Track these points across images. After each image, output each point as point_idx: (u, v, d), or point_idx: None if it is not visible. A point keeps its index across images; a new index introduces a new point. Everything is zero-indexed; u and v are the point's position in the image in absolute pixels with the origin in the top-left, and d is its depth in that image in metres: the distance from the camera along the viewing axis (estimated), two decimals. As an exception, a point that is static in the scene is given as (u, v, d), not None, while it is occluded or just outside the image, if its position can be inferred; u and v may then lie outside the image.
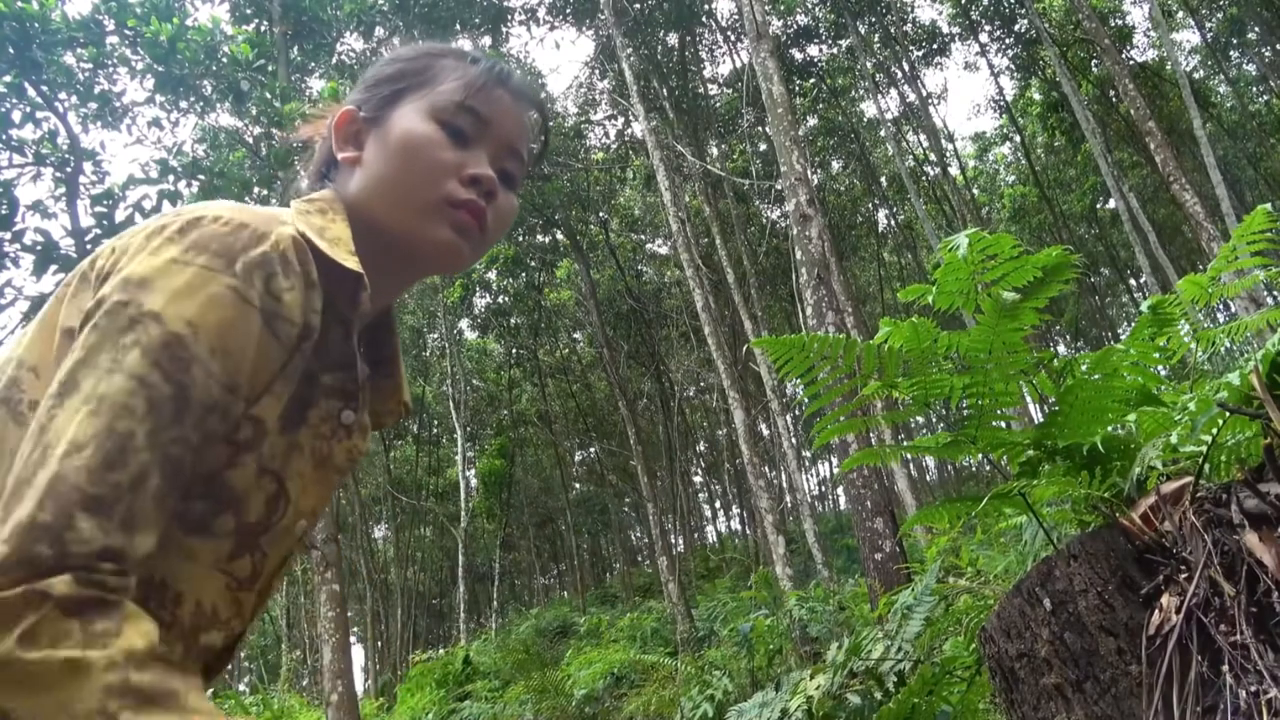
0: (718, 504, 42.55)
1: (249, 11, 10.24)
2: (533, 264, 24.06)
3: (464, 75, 0.94)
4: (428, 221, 0.88)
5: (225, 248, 0.74)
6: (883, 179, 27.23)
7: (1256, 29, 25.73)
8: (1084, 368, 1.88)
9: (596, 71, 21.55)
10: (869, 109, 26.18)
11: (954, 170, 25.52)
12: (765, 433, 25.44)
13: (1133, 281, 32.36)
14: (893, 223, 29.05)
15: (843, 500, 35.95)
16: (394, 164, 0.89)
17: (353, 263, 0.83)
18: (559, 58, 68.54)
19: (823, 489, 44.63)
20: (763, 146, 21.67)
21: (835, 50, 23.33)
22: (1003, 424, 1.96)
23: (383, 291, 0.93)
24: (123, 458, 0.65)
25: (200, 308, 0.71)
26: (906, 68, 23.52)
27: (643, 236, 26.19)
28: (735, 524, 38.48)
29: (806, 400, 2.02)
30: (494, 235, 0.94)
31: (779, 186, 13.28)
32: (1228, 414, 1.52)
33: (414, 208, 0.88)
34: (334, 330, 0.84)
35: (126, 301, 0.70)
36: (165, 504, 0.68)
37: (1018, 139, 28.16)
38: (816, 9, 22.15)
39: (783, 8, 21.31)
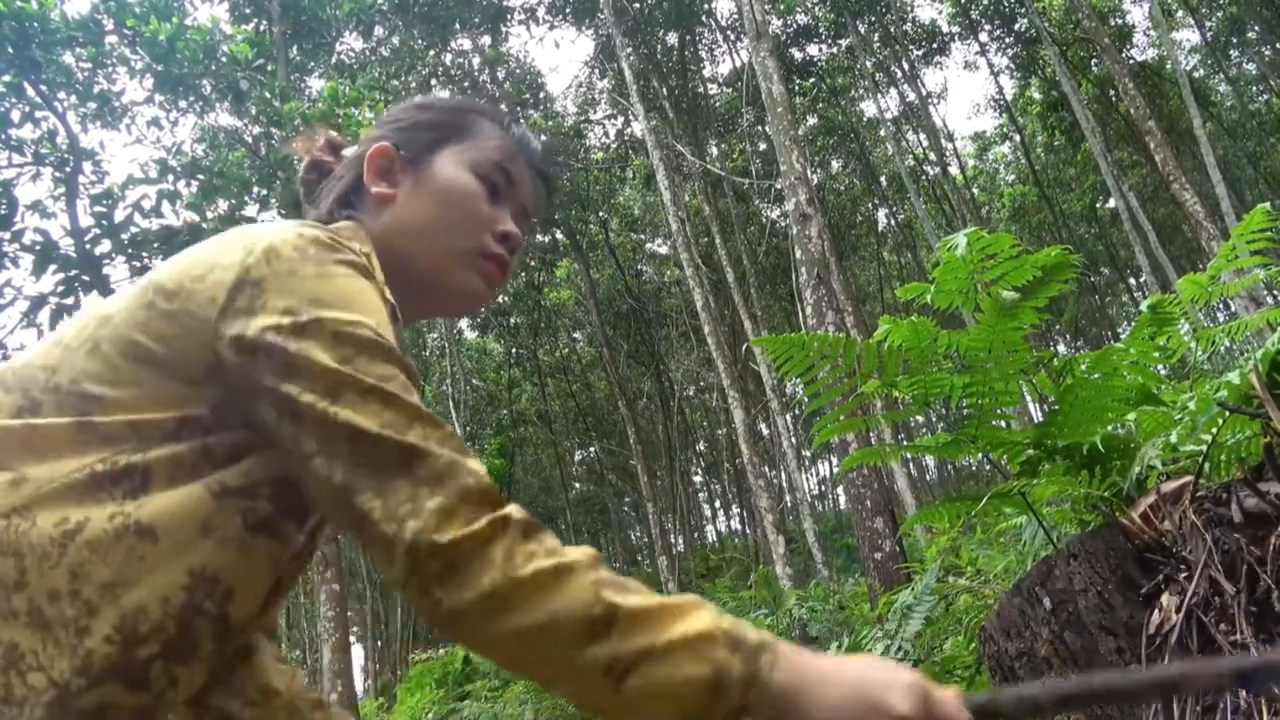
0: (717, 503, 42.56)
1: (248, 11, 10.23)
2: (532, 263, 24.05)
3: (501, 135, 1.00)
4: (462, 267, 0.95)
5: (342, 255, 0.80)
6: (882, 178, 27.21)
7: (1256, 28, 25.72)
8: (1084, 367, 1.88)
9: (596, 71, 21.54)
10: (869, 108, 26.18)
11: (954, 169, 25.52)
12: (765, 432, 25.44)
13: (1132, 281, 32.36)
14: (892, 222, 29.04)
15: (843, 500, 35.95)
16: (437, 209, 0.94)
17: (387, 292, 0.86)
18: (558, 57, 68.57)
19: (822, 488, 44.63)
20: (762, 146, 21.66)
21: (835, 50, 23.32)
22: (1002, 423, 1.96)
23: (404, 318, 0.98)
24: (430, 423, 0.73)
25: (365, 304, 0.78)
26: (906, 67, 23.51)
27: (642, 236, 26.18)
28: (735, 523, 38.50)
29: (806, 399, 2.02)
30: (504, 283, 1.02)
31: (779, 186, 13.27)
32: (1227, 413, 1.52)
33: (451, 253, 0.94)
34: None
35: (316, 318, 0.74)
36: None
37: (1017, 138, 28.15)
38: (816, 8, 22.14)
39: (782, 7, 21.30)
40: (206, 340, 0.75)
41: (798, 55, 22.64)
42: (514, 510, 0.70)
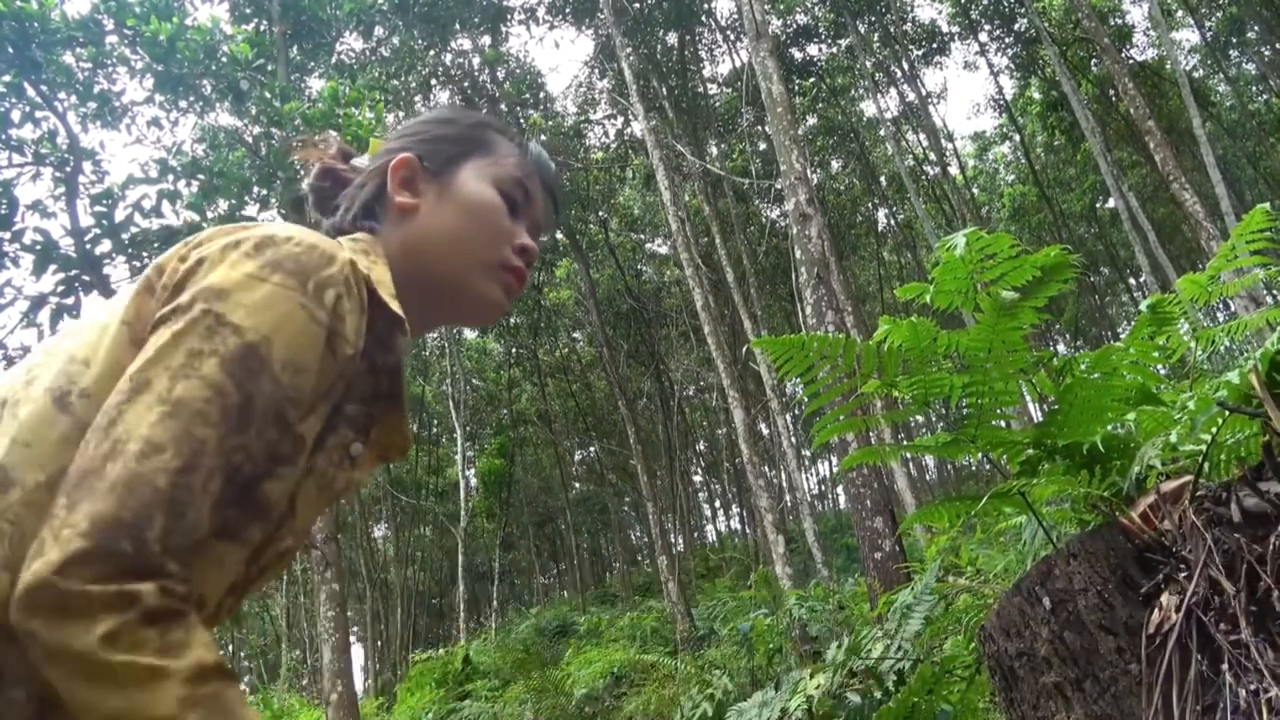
0: (717, 503, 42.58)
1: (248, 11, 10.23)
2: (532, 263, 24.00)
3: (519, 154, 1.03)
4: (484, 279, 0.97)
5: (299, 267, 0.77)
6: (882, 178, 27.22)
7: (1256, 28, 25.72)
8: (1083, 367, 1.88)
9: (596, 71, 21.53)
10: (868, 108, 26.20)
11: (953, 169, 25.52)
12: (765, 432, 25.44)
13: (1132, 280, 32.36)
14: (892, 222, 29.05)
15: (842, 499, 35.96)
16: (462, 221, 0.96)
17: (396, 305, 0.87)
18: (558, 57, 68.60)
19: (822, 488, 44.65)
20: (762, 146, 21.66)
21: (835, 49, 23.32)
22: (1002, 423, 1.96)
23: (415, 330, 0.98)
24: (196, 462, 0.68)
25: (275, 322, 0.74)
26: (906, 67, 23.51)
27: (642, 236, 26.18)
28: (735, 523, 38.51)
29: (806, 399, 2.02)
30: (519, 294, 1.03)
31: (778, 186, 13.27)
32: (1227, 413, 1.52)
33: (474, 263, 0.96)
34: (363, 363, 0.87)
35: (207, 310, 0.73)
36: (221, 510, 0.71)
37: (1017, 138, 28.16)
38: (816, 8, 22.14)
39: (782, 7, 21.30)
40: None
41: (797, 55, 22.64)
42: (147, 590, 0.64)
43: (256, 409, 0.72)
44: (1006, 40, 24.53)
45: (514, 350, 27.47)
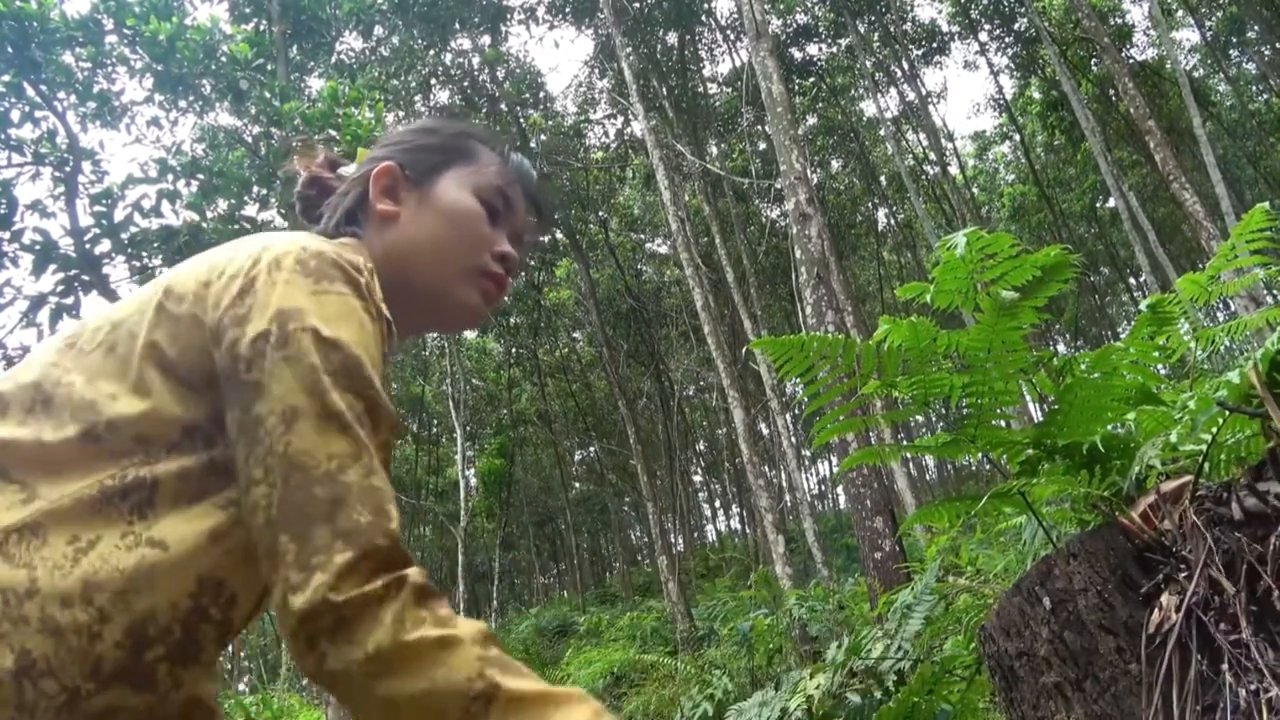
0: (717, 503, 42.57)
1: (248, 10, 10.23)
2: (532, 263, 24.05)
3: (501, 162, 1.05)
4: (463, 285, 0.98)
5: (347, 277, 0.81)
6: (882, 178, 27.22)
7: (1256, 28, 25.71)
8: (1083, 366, 1.88)
9: (596, 70, 21.53)
10: (868, 108, 26.18)
11: (953, 169, 25.52)
12: (765, 432, 25.44)
13: (1132, 280, 32.36)
14: (892, 222, 29.05)
15: (842, 499, 35.95)
16: (441, 229, 0.98)
17: (385, 310, 0.87)
18: (558, 57, 68.54)
19: (822, 488, 44.65)
20: (762, 145, 21.65)
21: (835, 49, 23.32)
22: (1002, 423, 1.96)
23: (402, 334, 0.99)
24: (374, 460, 0.74)
25: (356, 328, 0.78)
26: (906, 67, 23.50)
27: (642, 236, 26.17)
28: (735, 523, 38.51)
29: (806, 400, 2.02)
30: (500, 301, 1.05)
31: (778, 185, 13.27)
32: (1227, 413, 1.52)
33: (453, 271, 0.98)
34: None
35: (298, 329, 0.75)
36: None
37: (1017, 138, 28.16)
38: (816, 8, 22.14)
39: (782, 6, 21.29)
40: (206, 346, 0.78)
41: (797, 55, 22.64)
42: (413, 573, 0.70)
43: (382, 409, 0.77)
44: (1006, 40, 24.53)
45: (514, 350, 27.47)
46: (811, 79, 23.54)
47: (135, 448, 0.75)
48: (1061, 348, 33.27)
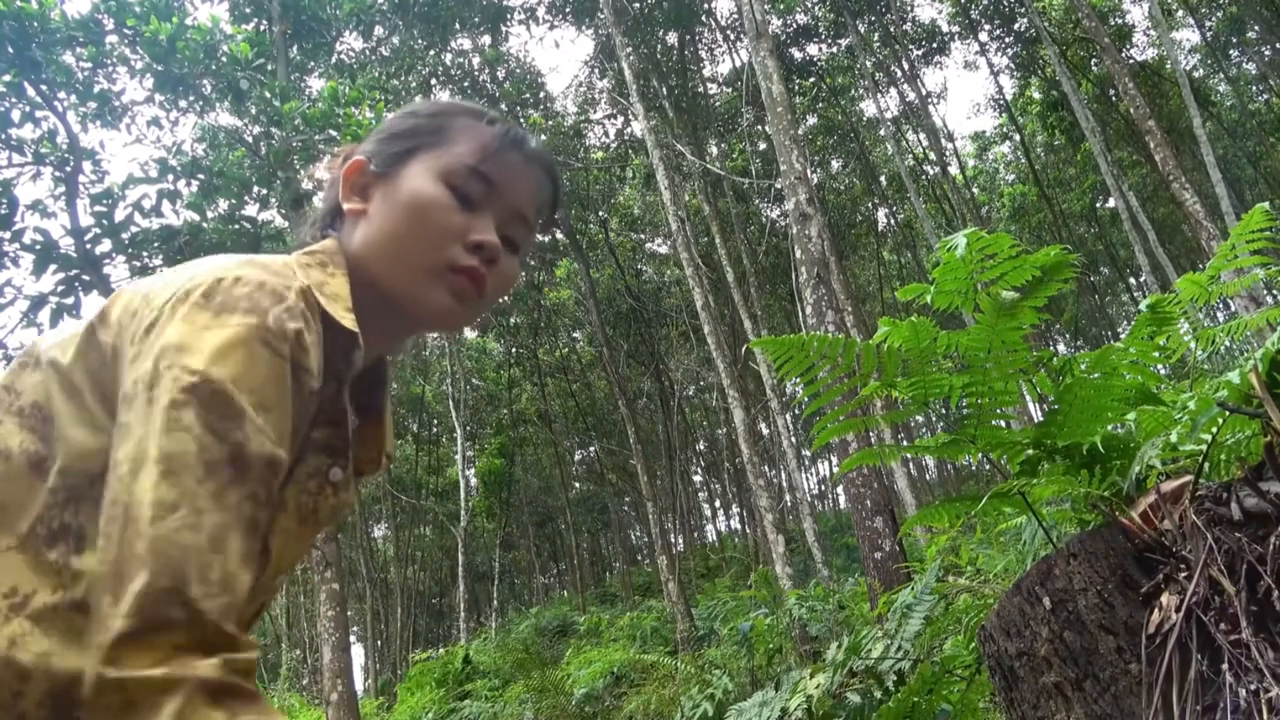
0: (717, 503, 42.57)
1: (248, 10, 10.23)
2: (532, 263, 24.05)
3: (478, 137, 0.93)
4: (428, 285, 0.88)
5: (253, 305, 0.74)
6: (882, 178, 27.23)
7: (1256, 28, 25.72)
8: (1083, 367, 1.88)
9: (596, 70, 21.54)
10: (868, 108, 26.18)
11: (953, 169, 25.51)
12: (765, 432, 25.44)
13: (1132, 280, 32.37)
14: (892, 222, 29.05)
15: (842, 499, 35.97)
16: (399, 223, 0.88)
17: (349, 320, 0.82)
18: (558, 57, 68.63)
19: (822, 488, 44.65)
20: (762, 145, 21.66)
21: (835, 49, 23.32)
22: (1002, 423, 1.96)
23: (376, 345, 0.92)
24: (211, 514, 0.65)
25: (242, 365, 0.71)
26: (906, 67, 23.50)
27: (642, 235, 26.19)
28: (735, 523, 38.50)
29: (806, 400, 2.02)
30: (492, 299, 0.92)
31: (778, 185, 13.27)
32: (1227, 413, 1.52)
33: (415, 269, 0.88)
34: (328, 385, 0.83)
35: (170, 366, 0.69)
36: (249, 561, 0.67)
37: (1017, 138, 28.17)
38: (816, 8, 22.14)
39: (782, 6, 21.30)
40: (118, 378, 0.74)
41: (797, 55, 22.64)
42: (213, 664, 0.60)
43: (250, 455, 0.69)
44: (1006, 40, 24.54)
45: (514, 350, 27.47)
46: (811, 79, 23.55)
47: (61, 486, 0.73)
48: (1061, 348, 33.27)
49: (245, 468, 0.68)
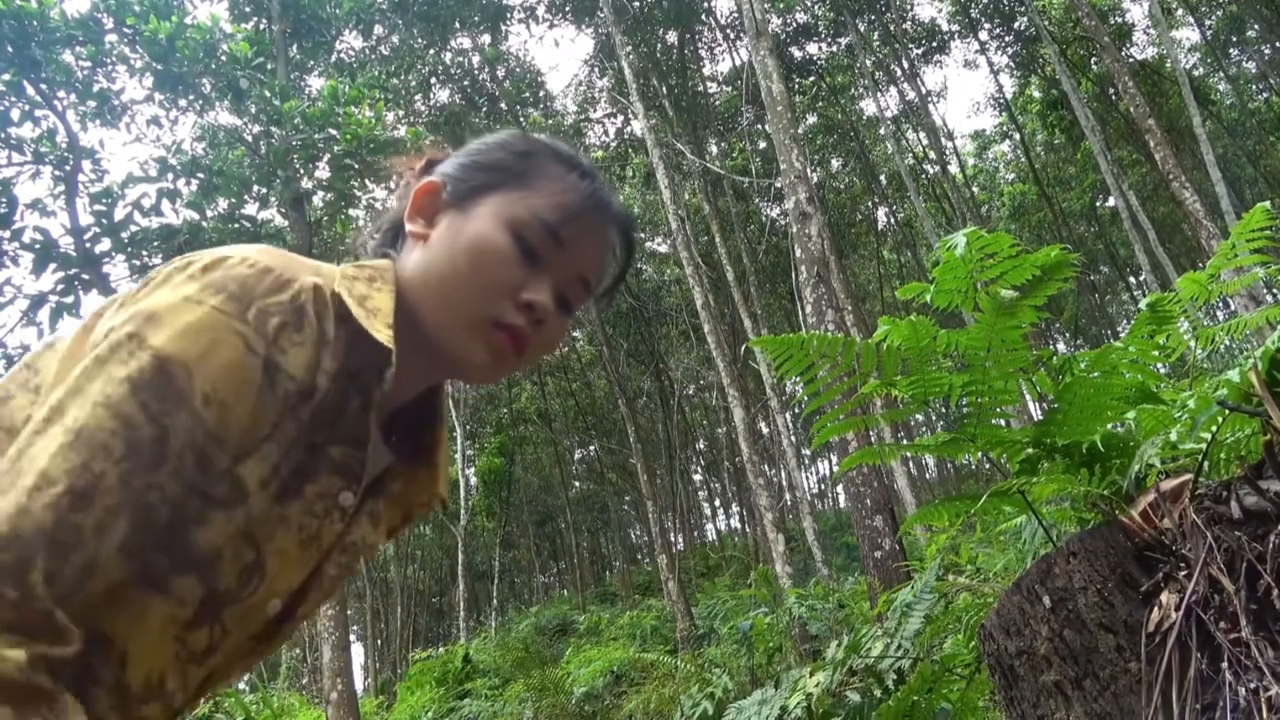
0: (717, 502, 42.59)
1: (248, 9, 10.23)
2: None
3: (561, 192, 0.87)
4: (467, 336, 0.83)
5: (243, 290, 0.71)
6: (882, 177, 27.23)
7: (1256, 26, 25.71)
8: (1083, 365, 1.88)
9: (596, 69, 21.54)
10: (868, 107, 26.19)
11: (953, 168, 25.52)
12: (765, 431, 25.45)
13: (1132, 279, 32.38)
14: (892, 220, 29.05)
15: (842, 498, 35.99)
16: (455, 264, 0.83)
17: (385, 335, 0.77)
18: (558, 56, 68.60)
19: (822, 487, 44.68)
20: (762, 144, 21.66)
21: (835, 48, 23.32)
22: (1002, 422, 1.96)
23: (420, 373, 0.87)
24: (90, 498, 0.61)
25: (203, 349, 0.67)
26: (906, 65, 23.50)
27: (642, 234, 26.18)
28: (735, 522, 38.52)
29: (806, 399, 2.02)
30: (531, 359, 0.87)
31: (778, 184, 13.27)
32: (1227, 411, 1.52)
33: (459, 317, 0.83)
34: (352, 401, 0.78)
35: (132, 334, 0.67)
36: (131, 554, 0.63)
37: (1017, 137, 28.17)
38: (816, 7, 22.14)
39: (782, 5, 21.30)
40: None
41: (797, 54, 22.64)
42: (18, 660, 0.56)
43: (172, 444, 0.65)
44: (1006, 39, 24.54)
45: (514, 349, 27.44)
46: (811, 78, 23.55)
47: None
48: (1061, 347, 33.27)
49: (164, 455, 0.65)
